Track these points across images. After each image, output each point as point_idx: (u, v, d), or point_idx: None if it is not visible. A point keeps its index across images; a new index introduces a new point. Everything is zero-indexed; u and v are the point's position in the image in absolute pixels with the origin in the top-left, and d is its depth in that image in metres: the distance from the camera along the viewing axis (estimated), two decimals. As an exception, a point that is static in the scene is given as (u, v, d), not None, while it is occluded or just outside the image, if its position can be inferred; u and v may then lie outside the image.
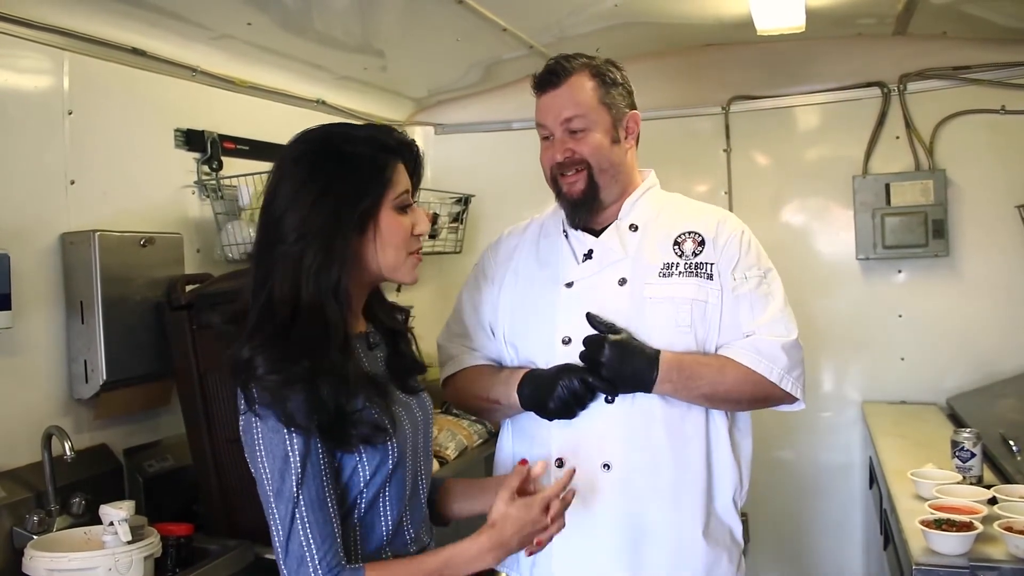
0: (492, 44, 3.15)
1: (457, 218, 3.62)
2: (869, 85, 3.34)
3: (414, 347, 1.57)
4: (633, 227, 1.81)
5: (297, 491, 1.28)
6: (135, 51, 2.39)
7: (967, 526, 1.82)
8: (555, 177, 1.80)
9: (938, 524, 1.84)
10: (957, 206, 3.22)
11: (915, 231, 3.22)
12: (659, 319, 1.71)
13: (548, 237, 1.90)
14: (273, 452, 1.29)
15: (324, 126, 1.43)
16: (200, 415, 2.25)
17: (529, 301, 1.83)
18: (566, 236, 1.86)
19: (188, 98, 2.61)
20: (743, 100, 3.52)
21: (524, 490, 1.45)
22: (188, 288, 2.31)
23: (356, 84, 3.33)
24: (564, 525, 1.45)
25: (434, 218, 3.47)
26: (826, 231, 3.43)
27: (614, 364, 1.63)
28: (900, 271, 3.35)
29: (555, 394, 1.66)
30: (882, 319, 3.34)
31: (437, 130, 3.91)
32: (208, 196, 2.64)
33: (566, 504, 1.45)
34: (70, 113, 2.21)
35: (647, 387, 1.66)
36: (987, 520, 1.87)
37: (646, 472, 1.70)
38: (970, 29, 3.16)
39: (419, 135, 3.87)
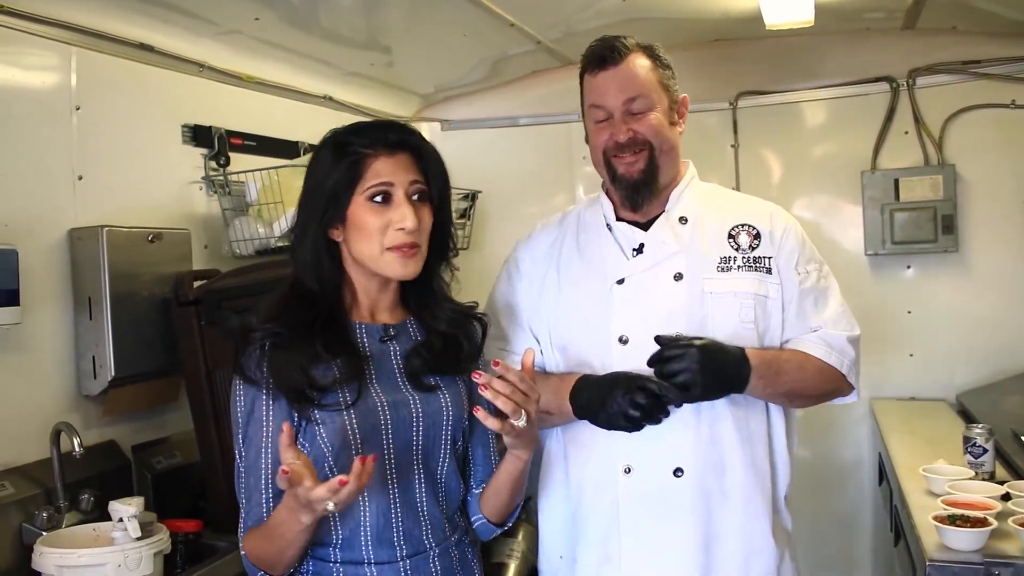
0: (499, 39, 3.14)
1: (464, 214, 3.61)
2: (878, 80, 3.32)
3: (463, 348, 1.52)
4: (683, 219, 1.73)
5: (238, 449, 1.40)
6: (143, 46, 2.39)
7: (981, 522, 1.81)
8: (609, 159, 1.70)
9: (952, 520, 1.83)
10: (966, 201, 3.21)
11: (924, 227, 3.20)
12: (721, 314, 1.65)
13: (588, 231, 1.80)
14: (232, 409, 1.41)
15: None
16: (208, 411, 2.24)
17: (577, 301, 1.74)
18: (610, 230, 1.77)
19: (195, 93, 2.60)
20: (751, 95, 3.50)
21: None
22: (196, 284, 2.30)
23: (363, 80, 3.32)
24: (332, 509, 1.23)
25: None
26: (834, 227, 3.41)
27: (706, 370, 1.53)
28: (909, 267, 3.33)
29: (615, 405, 1.55)
30: (891, 315, 3.32)
31: (444, 126, 3.90)
32: (215, 192, 2.63)
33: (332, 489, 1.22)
34: (78, 109, 2.20)
35: (740, 387, 1.60)
36: (1001, 516, 1.85)
37: (718, 475, 1.65)
38: (979, 23, 3.14)
39: (425, 131, 3.85)
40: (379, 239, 1.41)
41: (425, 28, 2.93)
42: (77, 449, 1.93)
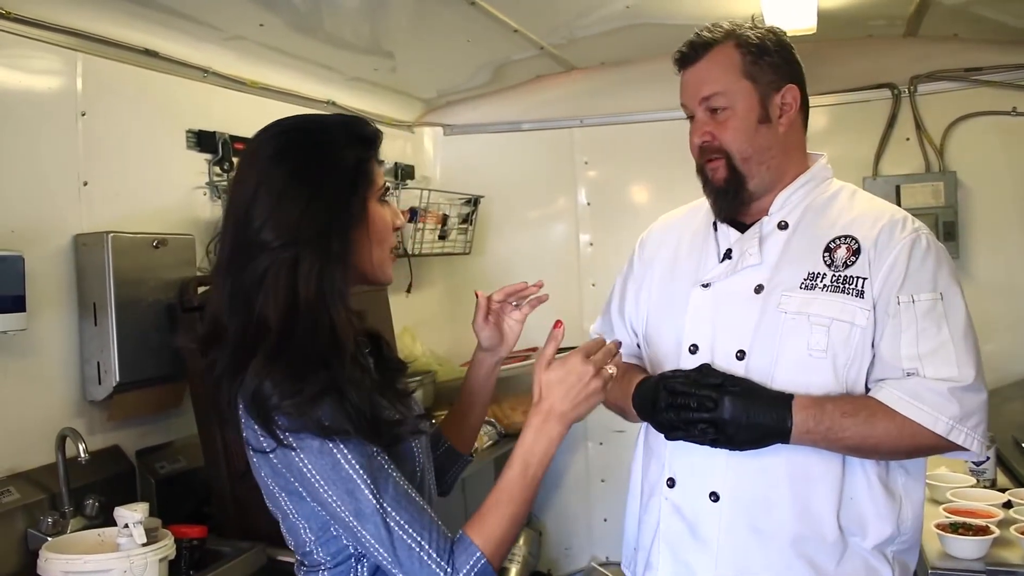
0: (502, 45, 3.15)
1: (466, 219, 3.62)
2: (879, 87, 3.33)
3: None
4: (783, 225, 1.54)
5: (376, 499, 1.16)
6: (147, 52, 2.39)
7: (983, 530, 1.82)
8: (701, 164, 1.58)
9: (954, 528, 1.84)
10: (967, 208, 3.22)
11: (925, 233, 3.20)
12: (791, 339, 1.45)
13: (700, 228, 1.67)
14: (330, 476, 1.17)
15: (294, 118, 1.34)
16: (212, 417, 2.25)
17: (665, 301, 1.64)
18: (715, 229, 1.62)
19: (199, 99, 2.60)
20: (753, 101, 3.50)
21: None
22: (200, 290, 2.31)
23: (366, 85, 3.33)
24: (614, 373, 1.31)
25: (443, 219, 3.47)
26: (836, 233, 3.41)
27: (737, 420, 1.39)
28: (910, 273, 3.33)
29: (659, 412, 1.46)
30: (892, 321, 3.32)
31: (446, 131, 3.90)
32: (219, 197, 2.63)
33: (610, 353, 1.32)
34: (83, 114, 2.20)
35: (781, 438, 1.41)
36: (1003, 524, 1.87)
37: (760, 511, 1.46)
38: (981, 31, 3.15)
39: (428, 136, 3.88)
40: (390, 241, 1.35)
41: (428, 33, 2.94)
42: (82, 454, 1.93)
